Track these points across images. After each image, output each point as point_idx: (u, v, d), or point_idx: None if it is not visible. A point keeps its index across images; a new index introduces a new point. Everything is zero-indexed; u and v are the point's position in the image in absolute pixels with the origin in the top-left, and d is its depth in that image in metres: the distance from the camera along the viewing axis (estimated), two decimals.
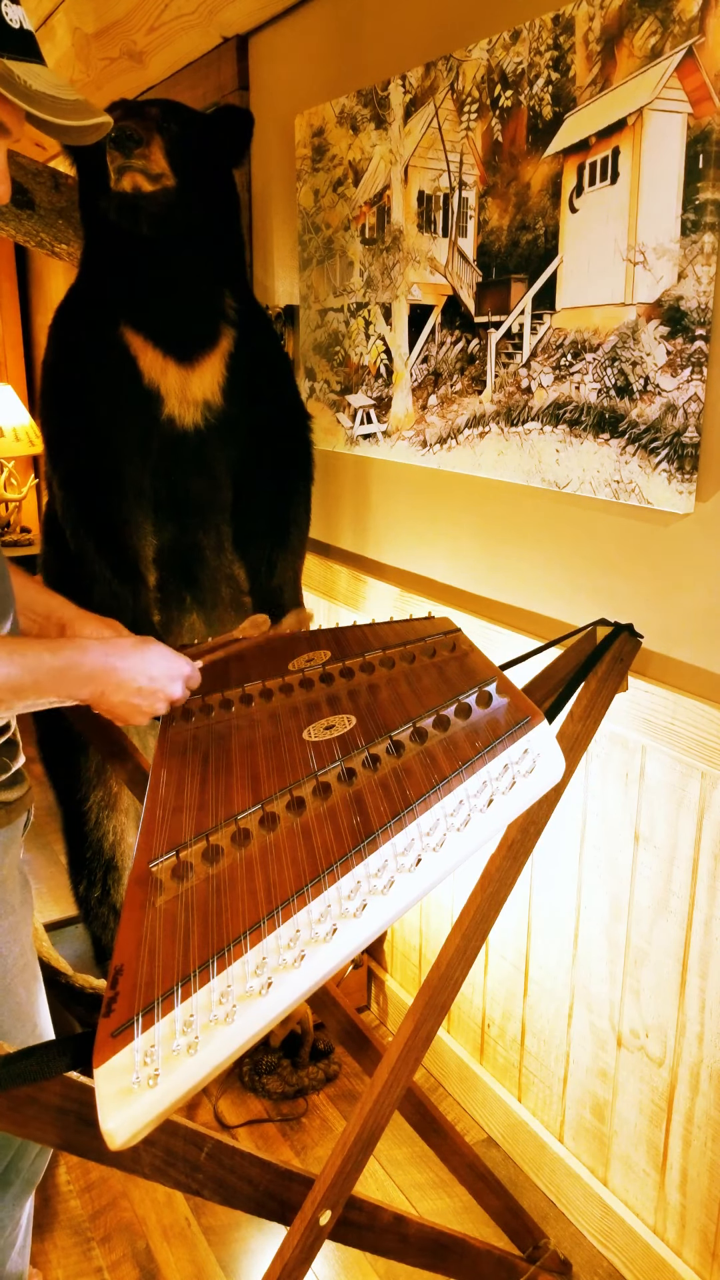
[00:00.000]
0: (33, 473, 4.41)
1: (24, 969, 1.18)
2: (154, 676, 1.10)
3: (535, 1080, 1.76)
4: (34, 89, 0.92)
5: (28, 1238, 1.33)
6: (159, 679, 1.10)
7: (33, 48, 0.94)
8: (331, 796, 0.95)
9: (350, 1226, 1.08)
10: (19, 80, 0.91)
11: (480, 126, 1.54)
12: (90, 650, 1.07)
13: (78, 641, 1.08)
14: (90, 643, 1.08)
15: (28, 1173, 1.27)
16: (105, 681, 1.07)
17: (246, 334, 1.77)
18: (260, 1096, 1.99)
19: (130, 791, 1.80)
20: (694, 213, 1.23)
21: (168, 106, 1.66)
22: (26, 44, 0.93)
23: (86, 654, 1.06)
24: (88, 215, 1.76)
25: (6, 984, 1.15)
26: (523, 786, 0.90)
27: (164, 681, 1.11)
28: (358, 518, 2.08)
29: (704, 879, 1.37)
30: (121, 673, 1.07)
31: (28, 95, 0.91)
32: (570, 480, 1.49)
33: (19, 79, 0.91)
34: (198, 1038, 0.70)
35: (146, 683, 1.09)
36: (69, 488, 1.75)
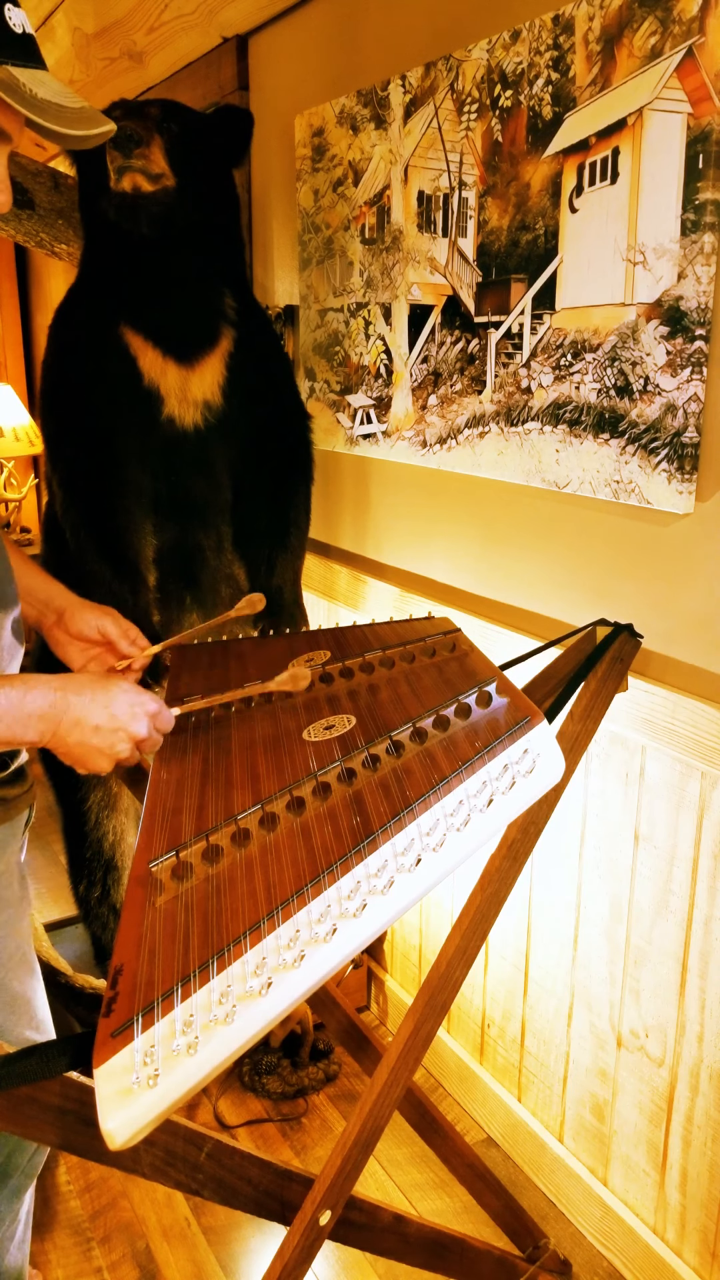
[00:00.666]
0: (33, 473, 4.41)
1: (20, 963, 1.18)
2: (114, 714, 0.99)
3: (535, 1080, 1.76)
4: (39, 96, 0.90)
5: (27, 1232, 1.33)
6: (120, 716, 0.99)
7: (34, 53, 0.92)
8: (331, 796, 0.95)
9: (350, 1226, 1.08)
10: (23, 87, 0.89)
11: (480, 126, 1.54)
12: (40, 684, 0.96)
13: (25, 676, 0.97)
14: (41, 677, 0.97)
15: (27, 1166, 1.27)
16: (59, 719, 0.96)
17: (246, 334, 1.77)
18: (260, 1096, 1.99)
19: (130, 791, 1.80)
20: (694, 213, 1.23)
21: (168, 106, 1.66)
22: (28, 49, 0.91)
23: (33, 689, 0.95)
24: (88, 215, 1.76)
25: (2, 978, 1.15)
26: (523, 786, 0.90)
27: (126, 719, 0.99)
28: (358, 518, 2.08)
29: (704, 879, 1.37)
30: (75, 709, 0.97)
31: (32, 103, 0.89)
32: (570, 480, 1.49)
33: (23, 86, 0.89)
34: (198, 1038, 0.70)
35: (106, 720, 0.98)
36: (69, 488, 1.75)
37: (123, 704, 1.00)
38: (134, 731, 1.00)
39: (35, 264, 4.18)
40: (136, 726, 1.00)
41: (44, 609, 1.24)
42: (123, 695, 1.00)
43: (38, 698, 0.95)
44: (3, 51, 0.88)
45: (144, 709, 1.02)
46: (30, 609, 1.23)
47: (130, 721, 1.00)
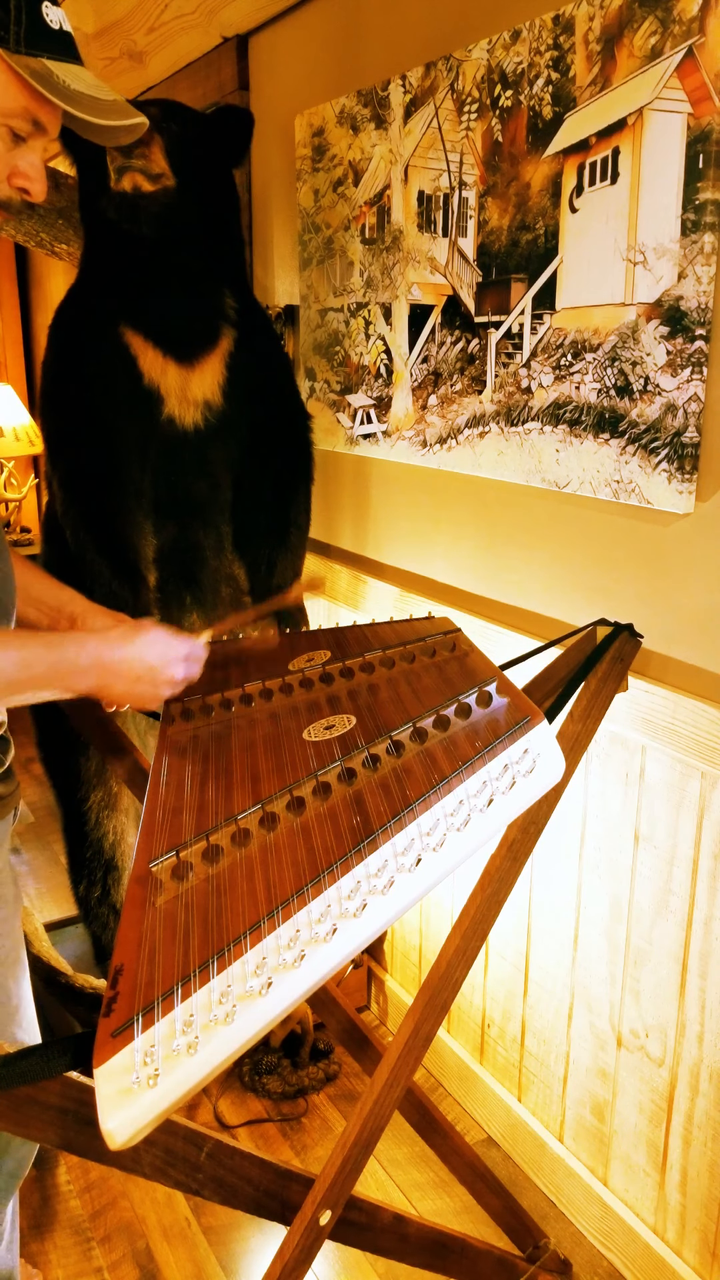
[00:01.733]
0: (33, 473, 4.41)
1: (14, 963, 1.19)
2: (151, 664, 1.10)
3: (535, 1080, 1.76)
4: (73, 88, 0.93)
5: (15, 1234, 1.33)
6: (157, 664, 1.10)
7: (71, 48, 0.95)
8: (331, 796, 0.95)
9: (350, 1226, 1.08)
10: (58, 80, 0.92)
11: (480, 126, 1.54)
12: (86, 643, 1.07)
13: (73, 635, 1.09)
14: (86, 636, 1.08)
15: (13, 1168, 1.27)
16: (103, 673, 1.07)
17: (246, 334, 1.77)
18: (260, 1096, 1.99)
19: (130, 791, 1.80)
20: (694, 213, 1.23)
21: (168, 106, 1.66)
22: (65, 44, 0.94)
23: (83, 647, 1.06)
24: (88, 215, 1.76)
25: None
26: (523, 786, 0.90)
27: (162, 666, 1.10)
28: (358, 518, 2.08)
29: (704, 879, 1.37)
30: (119, 663, 1.07)
31: (67, 95, 0.92)
32: (570, 480, 1.49)
33: (58, 79, 0.92)
34: (198, 1038, 0.70)
35: (145, 671, 1.09)
36: (69, 488, 1.75)
37: (156, 653, 1.10)
38: (171, 675, 1.11)
39: (35, 264, 4.18)
40: (172, 670, 1.11)
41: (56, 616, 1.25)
42: (154, 645, 1.10)
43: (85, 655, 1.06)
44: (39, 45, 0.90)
45: (176, 653, 1.12)
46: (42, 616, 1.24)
47: (165, 668, 1.11)
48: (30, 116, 0.93)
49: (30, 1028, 1.24)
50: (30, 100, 0.92)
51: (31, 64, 0.90)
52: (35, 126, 0.95)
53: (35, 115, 0.94)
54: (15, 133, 0.94)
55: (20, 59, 0.89)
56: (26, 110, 0.93)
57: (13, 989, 1.19)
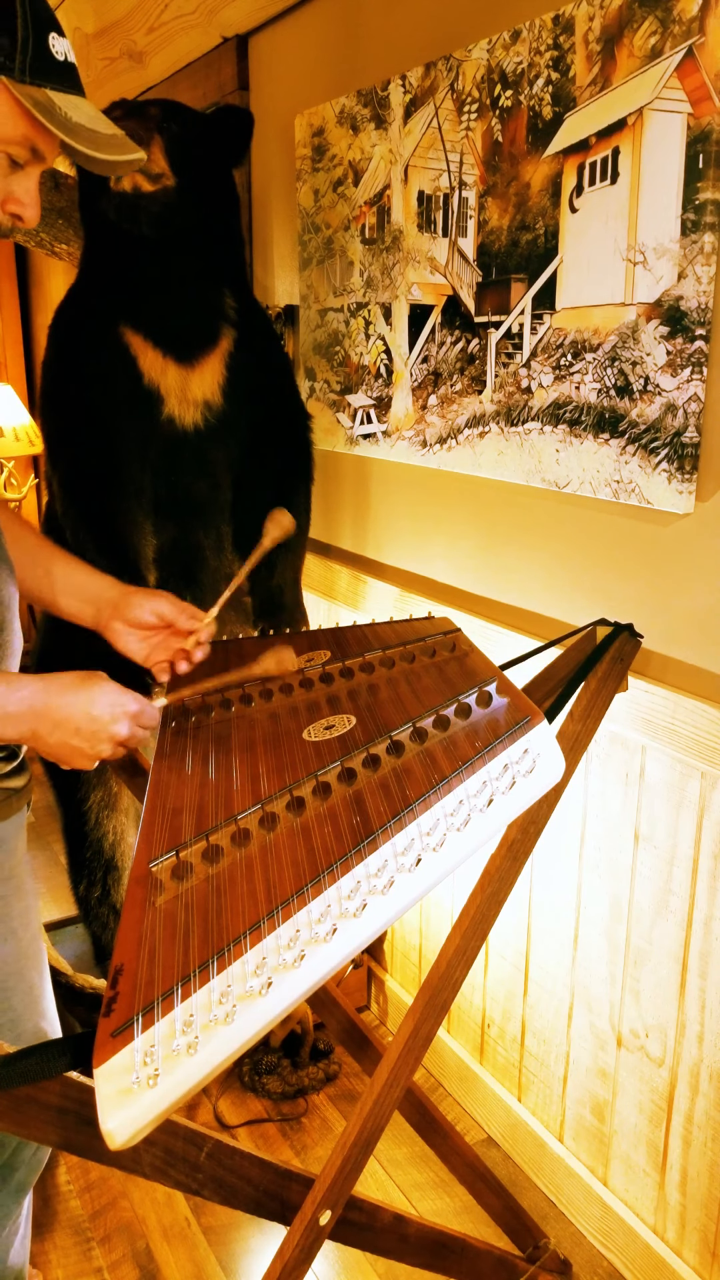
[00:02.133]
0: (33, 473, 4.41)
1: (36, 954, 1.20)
2: (95, 716, 1.00)
3: (535, 1080, 1.76)
4: (73, 121, 0.94)
5: (28, 1231, 1.34)
6: (102, 717, 1.00)
7: (74, 80, 0.96)
8: (331, 796, 0.95)
9: (350, 1226, 1.08)
10: (60, 111, 0.93)
11: (480, 126, 1.54)
12: (20, 686, 0.98)
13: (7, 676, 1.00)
14: (22, 678, 1.00)
15: (31, 1163, 1.27)
16: (39, 720, 0.98)
17: (246, 334, 1.77)
18: (260, 1096, 1.99)
19: (130, 791, 1.80)
20: (694, 213, 1.23)
21: (168, 106, 1.66)
22: (68, 76, 0.95)
23: (15, 690, 0.98)
24: (88, 215, 1.76)
25: (20, 968, 1.16)
26: (523, 786, 0.90)
27: (107, 720, 1.01)
28: (358, 518, 2.08)
29: (704, 879, 1.37)
30: (57, 710, 0.99)
31: (67, 127, 0.93)
32: (570, 480, 1.49)
33: (59, 110, 0.93)
34: (198, 1038, 0.70)
35: (86, 722, 1.00)
36: (69, 488, 1.75)
37: (103, 705, 1.01)
38: (114, 732, 1.01)
39: (35, 264, 4.18)
40: (117, 728, 1.01)
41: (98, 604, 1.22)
42: (103, 696, 1.01)
43: (20, 699, 0.98)
44: (44, 76, 0.92)
45: (124, 709, 1.02)
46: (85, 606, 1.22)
47: (111, 723, 1.01)
48: (29, 145, 0.94)
49: (53, 1019, 1.24)
50: (31, 129, 0.93)
51: (35, 94, 0.91)
52: (33, 154, 0.96)
53: (34, 144, 0.95)
54: (13, 160, 0.95)
55: (24, 89, 0.91)
56: (26, 139, 0.94)
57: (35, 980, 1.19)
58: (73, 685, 1.01)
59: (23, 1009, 1.17)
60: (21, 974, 1.17)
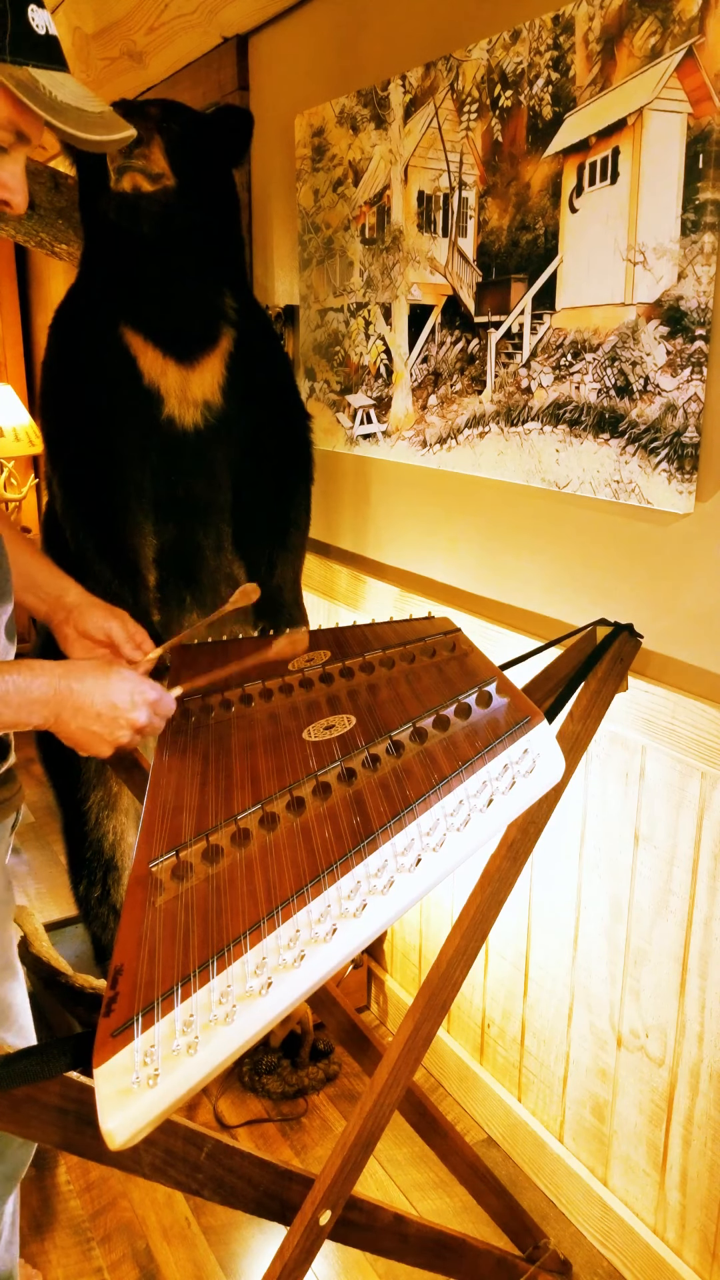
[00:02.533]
0: (33, 473, 4.41)
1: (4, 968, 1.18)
2: (114, 702, 1.02)
3: (535, 1080, 1.76)
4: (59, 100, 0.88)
5: (14, 1235, 1.33)
6: (121, 704, 1.02)
7: (57, 54, 0.90)
8: (331, 796, 0.95)
9: (350, 1226, 1.08)
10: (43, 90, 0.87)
11: (480, 126, 1.54)
12: (44, 672, 0.99)
13: (29, 662, 1.00)
14: (45, 664, 1.00)
15: (11, 1165, 1.26)
16: (60, 705, 0.99)
17: (246, 334, 1.77)
18: (260, 1096, 1.99)
19: (130, 791, 1.80)
20: (694, 213, 1.23)
21: (168, 106, 1.66)
22: (50, 51, 0.89)
23: (38, 676, 0.98)
24: (88, 215, 1.76)
25: None
26: (523, 786, 0.90)
27: (126, 707, 1.02)
28: (358, 518, 2.08)
29: (704, 879, 1.37)
30: (79, 696, 1.00)
31: (52, 106, 0.88)
32: (570, 480, 1.49)
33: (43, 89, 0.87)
34: (198, 1038, 0.70)
35: (106, 709, 1.01)
36: (69, 488, 1.75)
37: (123, 692, 1.02)
38: (134, 719, 1.03)
39: (35, 264, 4.18)
40: (136, 714, 1.03)
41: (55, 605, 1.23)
42: (123, 683, 1.03)
43: (42, 684, 0.98)
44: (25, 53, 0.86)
45: (144, 696, 1.04)
46: (41, 603, 1.23)
47: (130, 709, 1.03)
48: (14, 128, 0.89)
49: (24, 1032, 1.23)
50: (14, 111, 0.88)
51: (17, 74, 0.86)
52: (18, 137, 0.91)
53: (19, 126, 0.90)
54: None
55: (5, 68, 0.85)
56: (10, 121, 0.89)
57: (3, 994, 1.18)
58: (93, 671, 1.02)
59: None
60: None
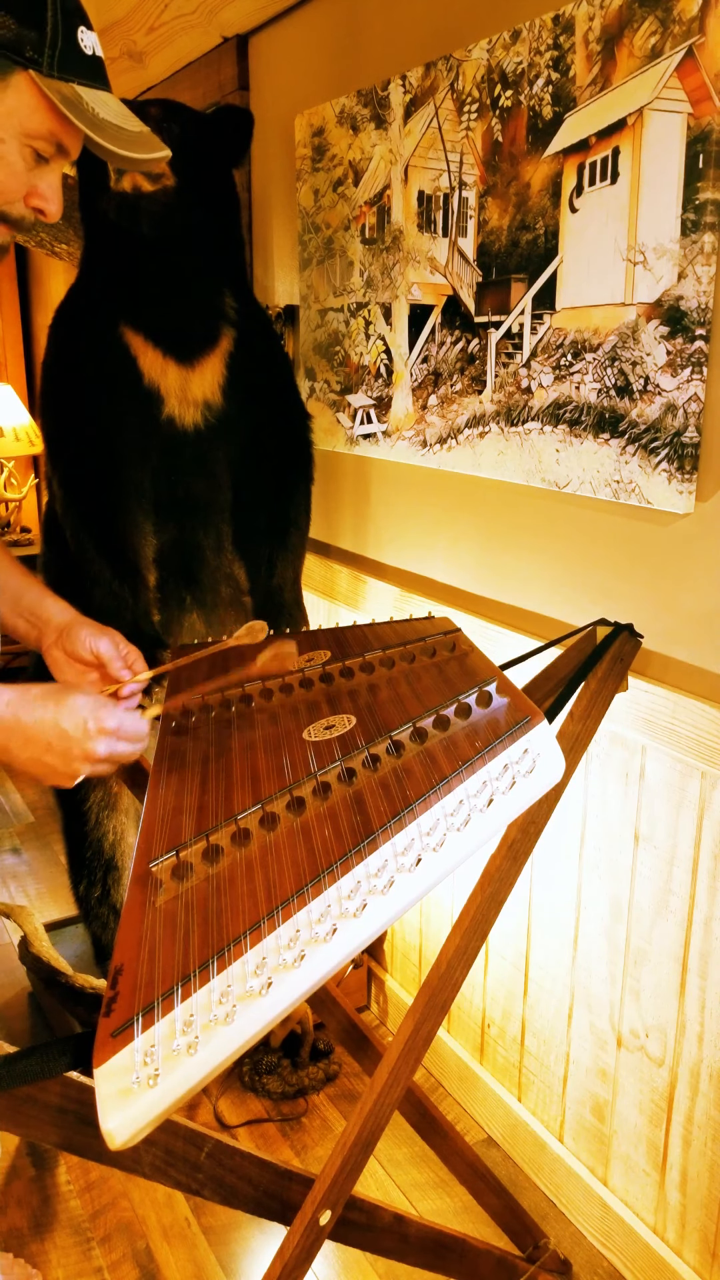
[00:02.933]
0: (33, 473, 4.41)
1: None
2: (67, 731, 0.94)
3: (535, 1080, 1.76)
4: (100, 116, 0.92)
5: None
6: (73, 734, 0.95)
7: (101, 74, 0.94)
8: (331, 796, 0.95)
9: (350, 1226, 1.08)
10: (86, 106, 0.91)
11: (480, 126, 1.54)
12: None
13: None
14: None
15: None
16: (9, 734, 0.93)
17: (246, 334, 1.77)
18: (260, 1096, 1.99)
19: (130, 791, 1.80)
20: (694, 213, 1.23)
21: (168, 106, 1.66)
22: (96, 71, 0.93)
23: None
24: (88, 215, 1.76)
25: None
26: (523, 786, 0.90)
27: (80, 737, 0.95)
28: (358, 518, 2.08)
29: (704, 879, 1.37)
30: (29, 726, 0.93)
31: (94, 123, 0.91)
32: (570, 480, 1.49)
33: (87, 105, 0.91)
34: (198, 1038, 0.70)
35: (57, 739, 0.94)
36: (69, 488, 1.75)
37: (75, 721, 0.95)
38: (89, 750, 0.96)
39: (35, 264, 4.18)
40: (92, 745, 0.96)
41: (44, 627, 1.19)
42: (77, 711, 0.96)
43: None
44: (72, 71, 0.90)
45: (100, 725, 0.96)
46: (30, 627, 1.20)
47: (84, 739, 0.95)
48: (55, 140, 0.93)
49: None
50: (57, 124, 0.92)
51: (63, 89, 0.90)
52: (58, 149, 0.95)
53: (60, 139, 0.93)
54: (39, 154, 0.94)
55: (52, 83, 0.89)
56: (52, 134, 0.92)
57: None
58: (43, 699, 0.95)
59: None
60: None
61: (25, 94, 0.89)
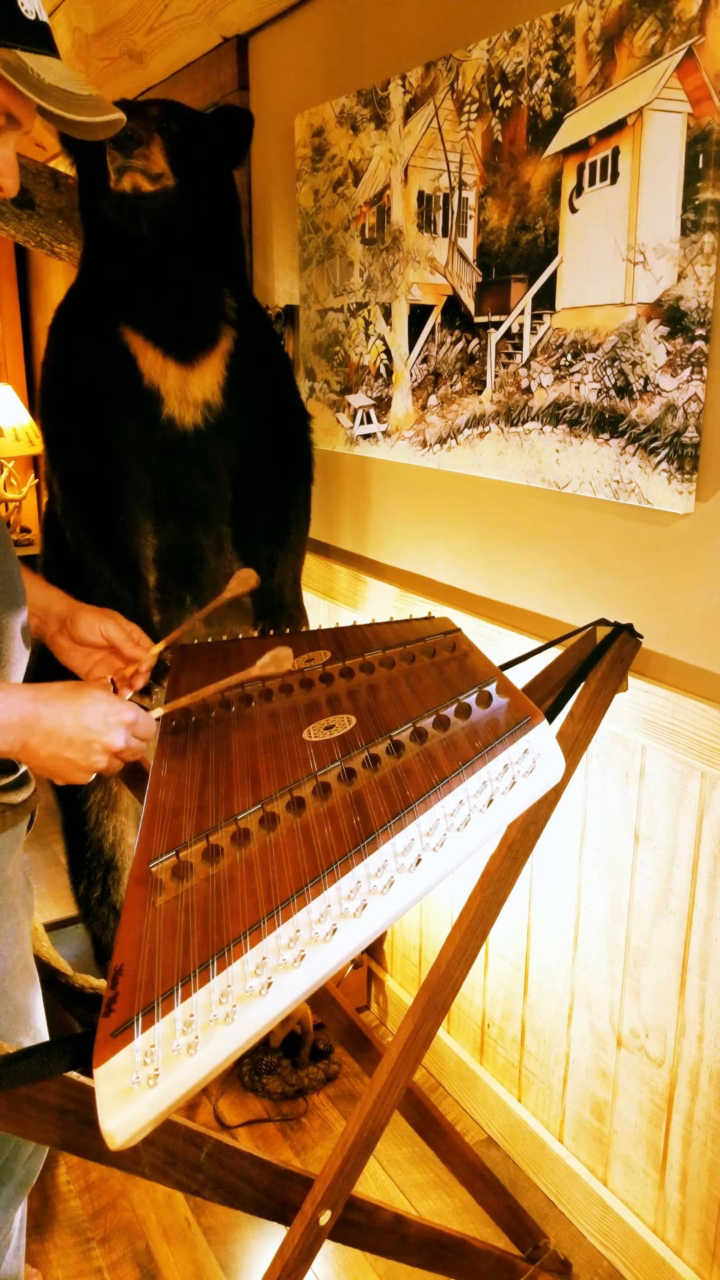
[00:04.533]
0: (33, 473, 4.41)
1: (22, 971, 1.18)
2: (87, 725, 0.95)
3: (535, 1080, 1.76)
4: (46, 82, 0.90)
5: (22, 1239, 1.33)
6: (94, 728, 0.96)
7: (47, 39, 0.92)
8: (331, 796, 0.95)
9: (350, 1226, 1.08)
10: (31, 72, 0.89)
11: (480, 126, 1.54)
12: (9, 695, 0.94)
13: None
14: (12, 686, 0.95)
15: (22, 1174, 1.27)
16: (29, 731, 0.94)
17: (246, 334, 1.77)
18: (260, 1096, 1.99)
19: (130, 791, 1.80)
20: (694, 213, 1.23)
21: (168, 106, 1.66)
22: (40, 35, 0.91)
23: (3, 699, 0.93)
24: (88, 215, 1.76)
25: (4, 987, 1.15)
26: (523, 786, 0.90)
27: (100, 731, 0.96)
28: (358, 518, 2.08)
29: (704, 879, 1.37)
30: (47, 720, 0.94)
31: (39, 88, 0.89)
32: (570, 480, 1.49)
33: (31, 71, 0.89)
34: (198, 1038, 0.70)
35: (79, 733, 0.95)
36: (69, 488, 1.75)
37: (96, 715, 0.97)
38: (108, 743, 0.98)
39: (35, 264, 4.18)
40: (111, 738, 0.97)
41: (45, 617, 1.21)
42: (95, 706, 0.97)
43: (8, 707, 0.94)
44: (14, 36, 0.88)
45: (119, 719, 0.98)
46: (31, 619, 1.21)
47: (104, 733, 0.97)
48: (3, 110, 0.91)
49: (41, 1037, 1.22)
50: (3, 94, 0.90)
51: (5, 56, 0.87)
52: (8, 120, 0.92)
53: (8, 109, 0.91)
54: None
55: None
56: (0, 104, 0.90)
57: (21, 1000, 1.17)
58: (63, 695, 0.96)
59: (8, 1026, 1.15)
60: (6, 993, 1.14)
61: None
